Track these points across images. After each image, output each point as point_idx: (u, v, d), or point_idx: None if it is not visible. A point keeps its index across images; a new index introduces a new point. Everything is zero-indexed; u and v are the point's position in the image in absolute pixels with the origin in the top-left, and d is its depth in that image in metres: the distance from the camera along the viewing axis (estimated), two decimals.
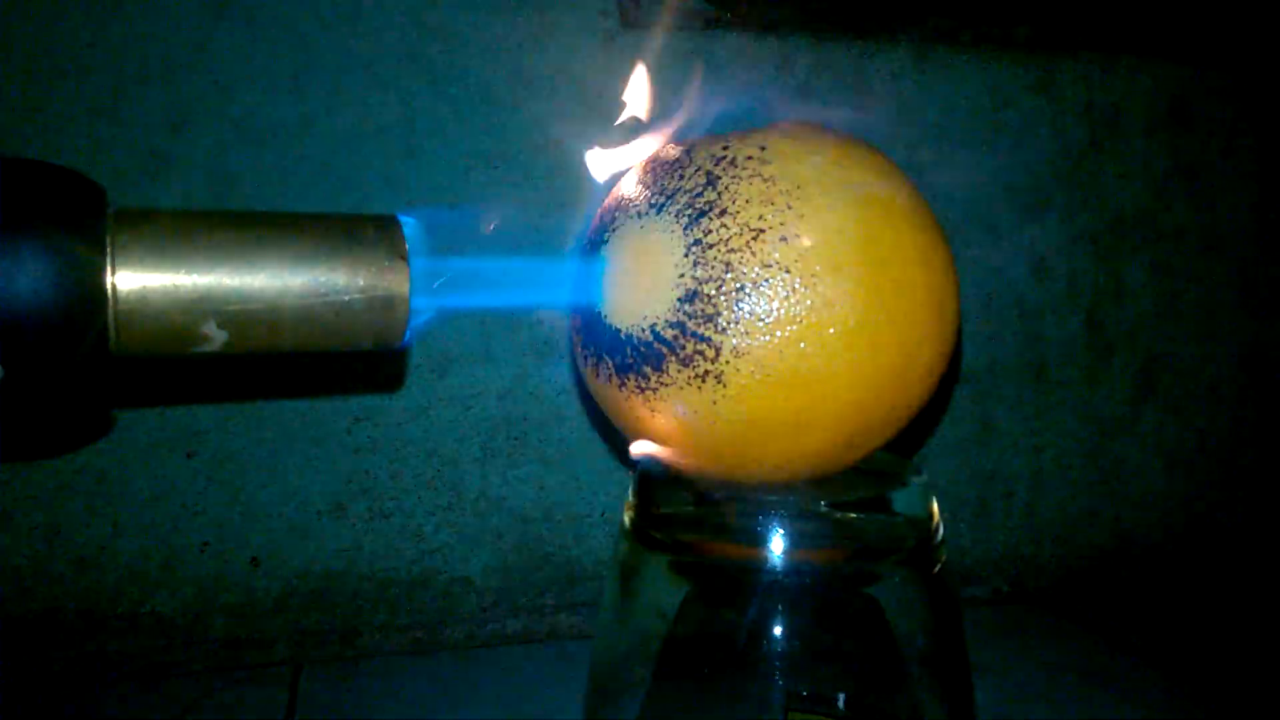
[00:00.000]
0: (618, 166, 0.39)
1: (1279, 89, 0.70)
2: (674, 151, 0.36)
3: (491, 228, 0.52)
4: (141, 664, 0.56)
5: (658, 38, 0.59)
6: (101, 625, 0.55)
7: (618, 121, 0.40)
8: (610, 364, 0.36)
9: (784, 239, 0.32)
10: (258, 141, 0.54)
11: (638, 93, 0.41)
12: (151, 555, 0.55)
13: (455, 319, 0.58)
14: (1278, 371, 0.72)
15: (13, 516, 0.53)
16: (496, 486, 0.60)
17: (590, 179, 0.39)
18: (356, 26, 0.55)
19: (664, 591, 0.39)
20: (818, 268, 0.32)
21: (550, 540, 0.61)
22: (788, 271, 0.32)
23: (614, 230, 0.36)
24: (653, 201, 0.35)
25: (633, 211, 0.35)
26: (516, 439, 0.60)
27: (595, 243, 0.36)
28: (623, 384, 0.35)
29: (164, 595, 0.56)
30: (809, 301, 0.32)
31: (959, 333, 0.37)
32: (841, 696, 0.39)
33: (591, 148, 0.39)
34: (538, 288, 0.37)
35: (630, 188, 0.36)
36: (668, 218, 0.34)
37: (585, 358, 0.37)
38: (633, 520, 0.39)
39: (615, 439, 0.60)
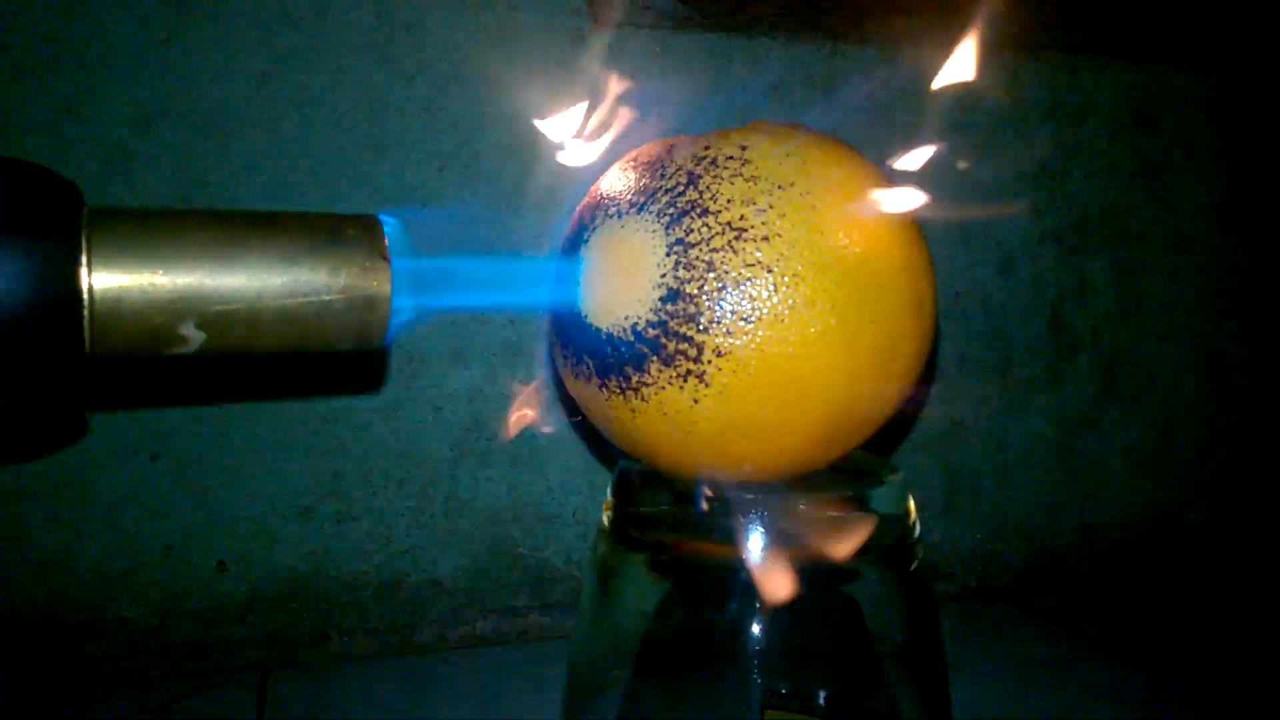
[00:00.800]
0: (588, 159, 0.39)
1: (1243, 91, 0.71)
2: (654, 151, 0.36)
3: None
4: (106, 670, 0.55)
5: (628, 36, 0.59)
6: (65, 631, 0.54)
7: (593, 120, 0.40)
8: (591, 364, 0.35)
9: (766, 238, 0.32)
10: (225, 139, 0.54)
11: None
12: (115, 560, 0.54)
13: (426, 319, 0.57)
14: (1238, 369, 0.74)
15: None
16: (467, 487, 0.59)
17: (564, 176, 0.39)
18: (325, 23, 0.55)
19: (643, 590, 0.39)
20: (799, 267, 0.32)
21: (521, 541, 0.61)
22: (770, 271, 0.32)
23: (594, 230, 0.36)
24: (633, 201, 0.35)
25: (613, 211, 0.35)
26: (488, 440, 0.59)
27: (575, 242, 0.36)
28: (604, 384, 0.35)
29: (128, 600, 0.55)
30: (791, 301, 0.32)
31: (937, 332, 0.37)
32: (821, 694, 0.39)
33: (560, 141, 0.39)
34: (513, 288, 0.37)
35: (610, 187, 0.36)
36: (649, 217, 0.34)
37: (565, 358, 0.37)
38: (611, 519, 0.39)
39: (591, 440, 0.60)
